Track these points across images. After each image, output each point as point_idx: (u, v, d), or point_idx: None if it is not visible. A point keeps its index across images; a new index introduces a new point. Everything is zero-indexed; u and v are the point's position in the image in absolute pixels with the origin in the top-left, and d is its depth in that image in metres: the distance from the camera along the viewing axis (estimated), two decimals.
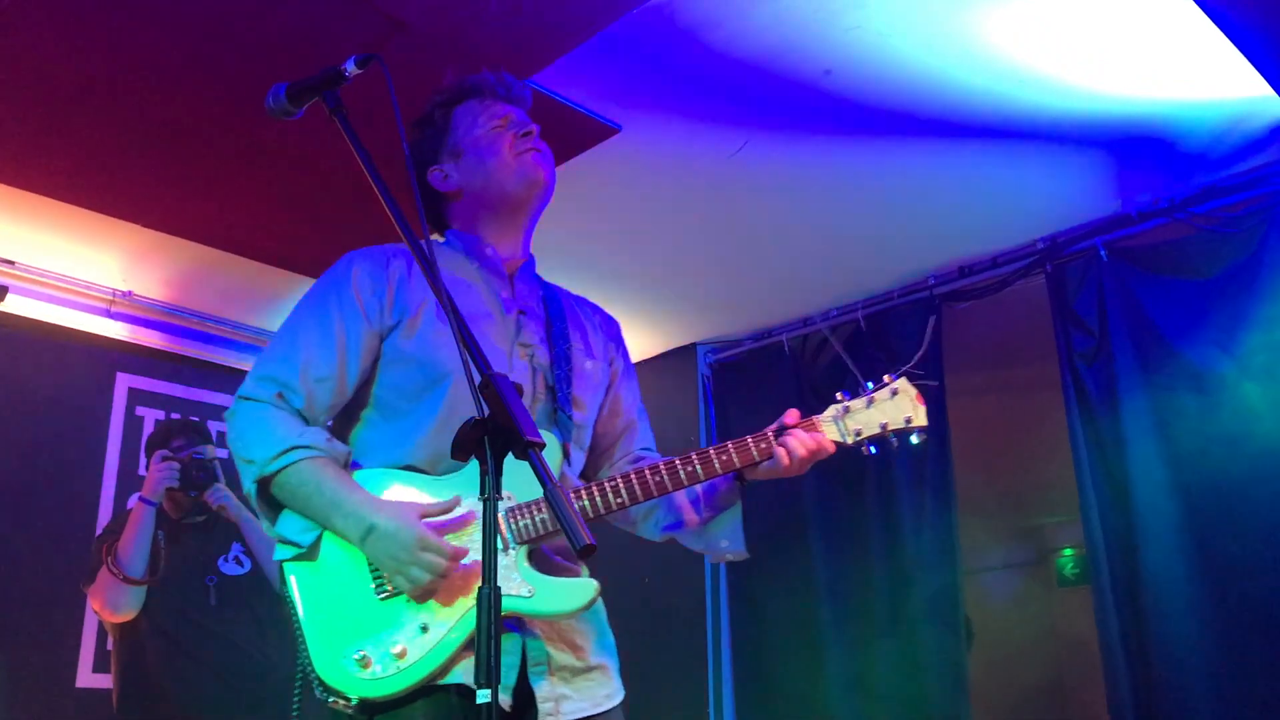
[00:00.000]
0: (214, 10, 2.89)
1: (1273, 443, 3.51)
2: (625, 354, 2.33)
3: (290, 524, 1.90)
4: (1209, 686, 3.52)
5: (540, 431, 1.87)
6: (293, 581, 1.89)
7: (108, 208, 3.88)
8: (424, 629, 1.83)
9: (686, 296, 4.78)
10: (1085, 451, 3.94)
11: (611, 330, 2.34)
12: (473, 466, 1.91)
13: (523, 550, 1.90)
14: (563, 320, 2.18)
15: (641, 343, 5.24)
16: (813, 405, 2.46)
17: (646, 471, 1.98)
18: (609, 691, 2.01)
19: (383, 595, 1.85)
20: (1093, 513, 3.87)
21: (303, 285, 3.95)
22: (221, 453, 3.87)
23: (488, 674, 1.36)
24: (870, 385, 2.09)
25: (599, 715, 1.97)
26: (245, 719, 3.56)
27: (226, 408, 2.04)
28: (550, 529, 1.90)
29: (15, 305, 4.28)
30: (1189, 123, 3.50)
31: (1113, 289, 3.97)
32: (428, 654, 1.82)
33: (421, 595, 1.84)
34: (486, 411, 1.47)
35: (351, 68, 1.79)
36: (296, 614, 1.87)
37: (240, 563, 3.74)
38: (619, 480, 1.97)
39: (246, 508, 3.60)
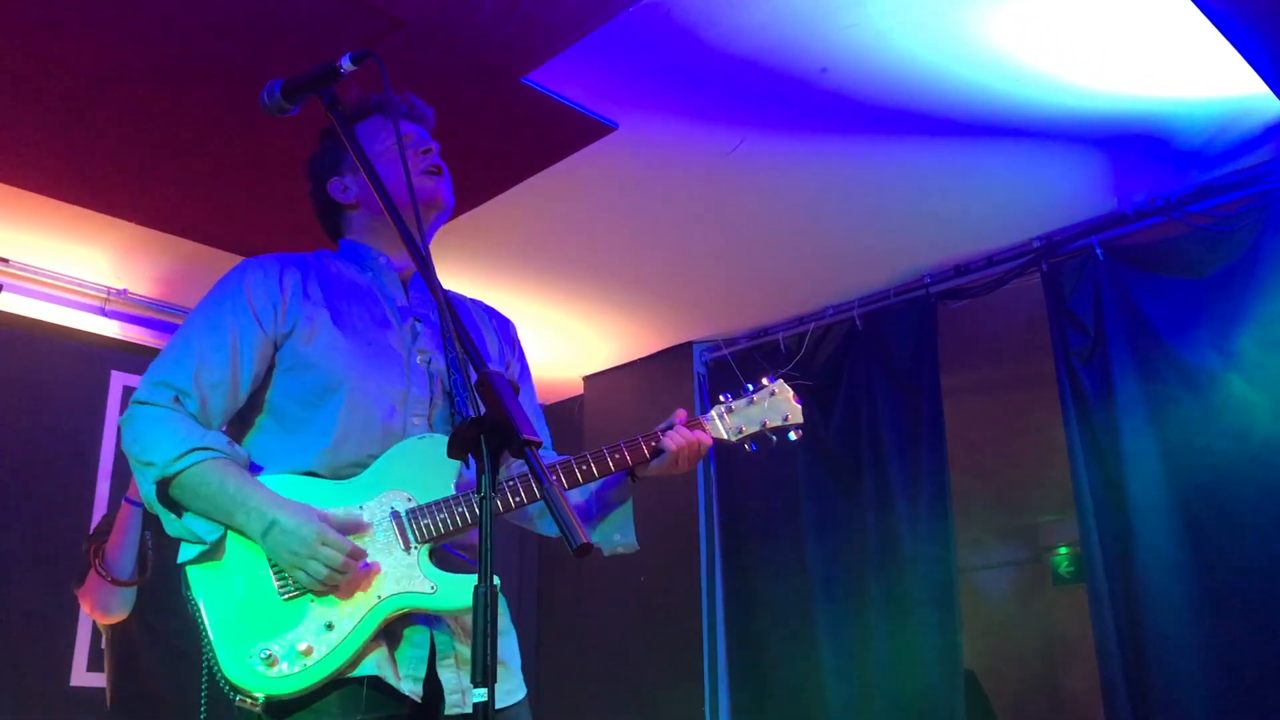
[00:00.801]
0: (209, 7, 2.88)
1: (1267, 440, 3.53)
2: (521, 356, 2.37)
3: (194, 522, 1.92)
4: (1203, 683, 3.53)
5: (435, 435, 1.99)
6: (196, 583, 1.91)
7: (102, 205, 3.86)
8: (329, 626, 1.87)
9: (682, 295, 4.77)
10: (1080, 449, 3.94)
11: (506, 333, 2.37)
12: (369, 474, 1.98)
13: (424, 549, 1.95)
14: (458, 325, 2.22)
15: (637, 341, 5.24)
16: (809, 405, 2.48)
17: None
18: (509, 688, 2.06)
19: (286, 595, 1.88)
20: (1088, 510, 3.87)
21: None
22: None
23: (484, 673, 1.36)
24: (751, 386, 2.28)
25: (499, 711, 1.99)
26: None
27: None
28: (449, 529, 1.95)
29: (9, 303, 4.27)
30: (1185, 121, 3.51)
31: (1108, 287, 3.97)
32: (334, 650, 1.85)
33: (324, 593, 1.87)
34: (483, 409, 1.47)
35: (347, 64, 1.79)
36: (200, 615, 1.88)
37: None
38: (516, 480, 2.03)
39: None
